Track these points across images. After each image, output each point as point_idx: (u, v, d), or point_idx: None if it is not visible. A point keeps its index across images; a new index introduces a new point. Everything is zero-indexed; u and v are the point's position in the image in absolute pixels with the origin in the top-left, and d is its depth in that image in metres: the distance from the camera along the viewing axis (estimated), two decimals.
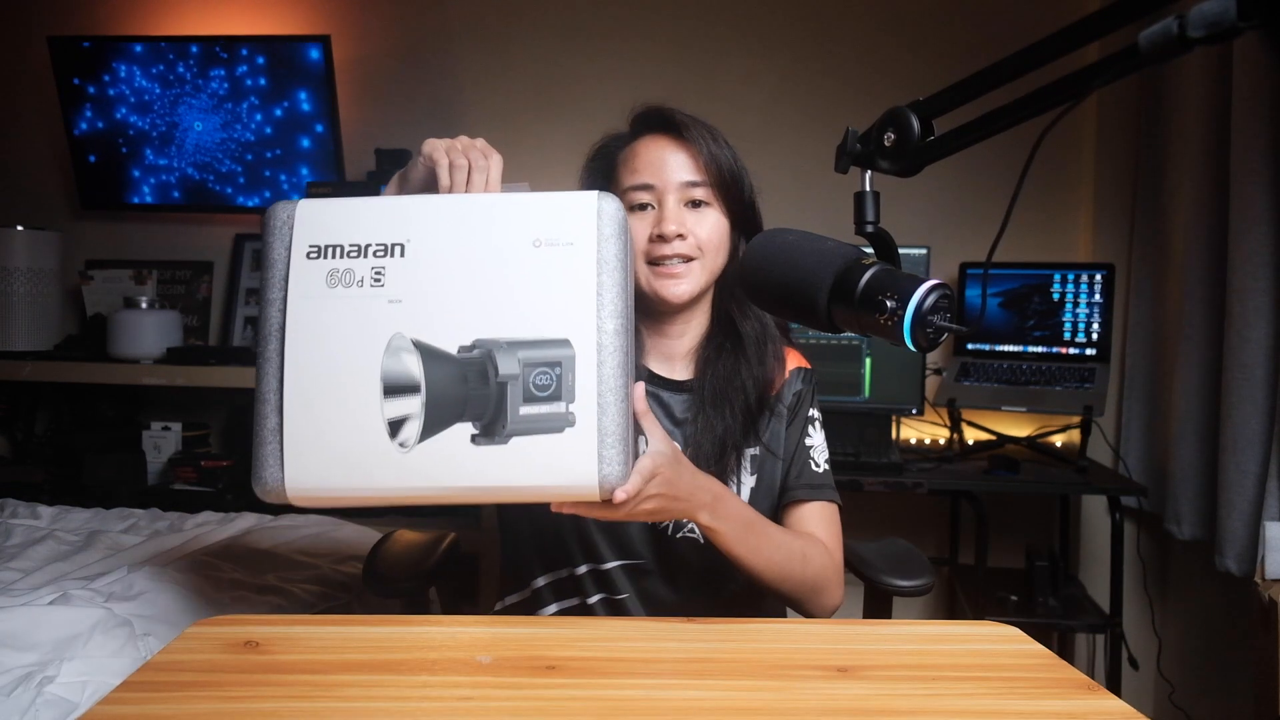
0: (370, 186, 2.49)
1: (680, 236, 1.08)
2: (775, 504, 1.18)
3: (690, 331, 1.17)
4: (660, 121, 1.12)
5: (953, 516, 2.61)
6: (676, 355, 1.18)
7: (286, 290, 0.81)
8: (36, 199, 2.97)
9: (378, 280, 0.81)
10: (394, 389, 0.79)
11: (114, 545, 1.63)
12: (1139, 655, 2.31)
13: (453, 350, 0.80)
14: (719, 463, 1.11)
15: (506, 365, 0.79)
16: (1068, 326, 2.44)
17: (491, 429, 0.79)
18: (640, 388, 0.87)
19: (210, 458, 2.71)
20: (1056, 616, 2.17)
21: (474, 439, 0.79)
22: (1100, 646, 2.45)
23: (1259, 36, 0.48)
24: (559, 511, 0.87)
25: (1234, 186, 1.90)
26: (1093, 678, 0.80)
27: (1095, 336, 2.41)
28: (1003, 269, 2.49)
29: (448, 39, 2.82)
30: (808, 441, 1.20)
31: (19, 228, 2.68)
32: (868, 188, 0.72)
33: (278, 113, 2.74)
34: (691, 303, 1.13)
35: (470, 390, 0.79)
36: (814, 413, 1.23)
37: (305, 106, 2.72)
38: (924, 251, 2.35)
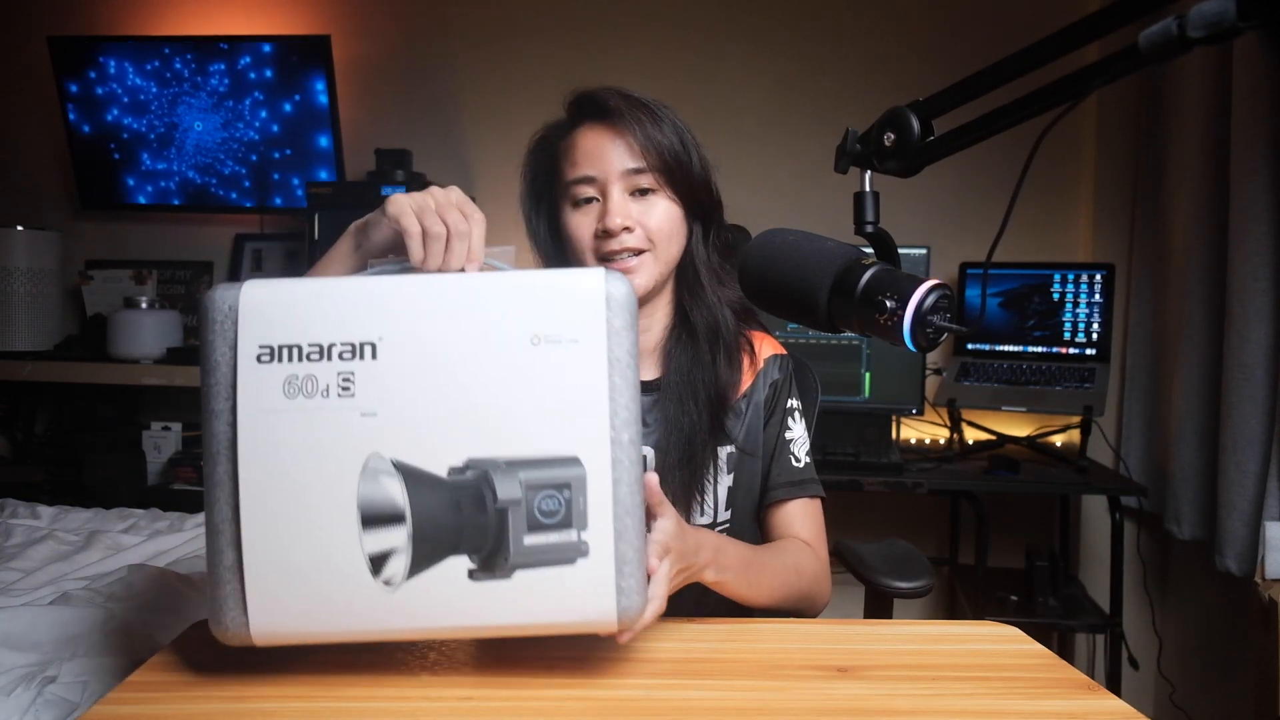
0: (370, 187, 2.49)
1: (627, 230, 1.02)
2: (756, 503, 1.15)
3: (655, 326, 1.12)
4: (594, 108, 1.05)
5: (953, 516, 2.61)
6: (645, 352, 1.11)
7: (235, 400, 0.68)
8: (36, 199, 2.97)
9: (346, 388, 0.68)
10: (374, 519, 0.68)
11: (114, 545, 1.63)
12: (1139, 655, 2.31)
13: (442, 472, 0.68)
14: (689, 463, 1.06)
15: (506, 489, 0.68)
16: (1068, 326, 2.44)
17: (492, 562, 0.69)
18: (653, 480, 0.78)
19: None
20: (1056, 616, 2.17)
21: (472, 574, 0.69)
22: (1100, 646, 2.45)
23: (1259, 36, 0.48)
24: None
25: (1234, 186, 1.90)
26: (1093, 678, 0.80)
27: (1095, 336, 2.41)
28: (1003, 269, 2.49)
29: (448, 39, 2.83)
30: (788, 435, 1.15)
31: (19, 228, 2.68)
32: (867, 188, 0.72)
33: (287, 109, 2.74)
34: (650, 295, 1.08)
35: (465, 519, 0.69)
36: (794, 402, 1.17)
37: (302, 108, 2.72)
38: (924, 251, 2.35)
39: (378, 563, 0.68)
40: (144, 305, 2.66)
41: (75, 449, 2.67)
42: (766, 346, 1.18)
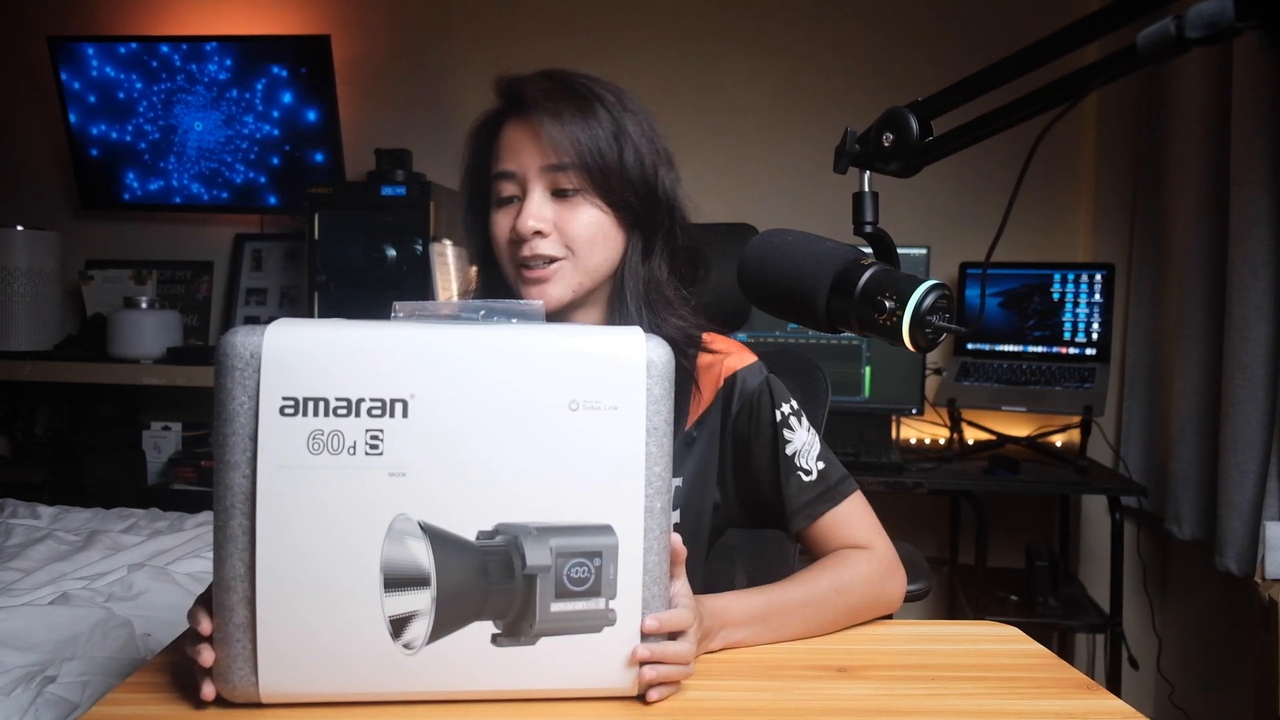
0: (370, 187, 2.49)
1: (539, 234, 0.92)
2: (707, 537, 1.03)
3: None
4: (514, 99, 0.95)
5: (953, 516, 2.61)
6: None
7: (255, 453, 0.65)
8: (36, 199, 2.97)
9: (375, 447, 0.66)
10: (398, 581, 0.66)
11: (114, 545, 1.63)
12: (1139, 655, 2.31)
13: (470, 536, 0.67)
14: None
15: (536, 555, 0.67)
16: (1068, 326, 2.44)
17: (517, 628, 0.68)
18: (678, 542, 0.75)
19: (210, 458, 2.71)
20: (1056, 616, 2.17)
21: (495, 639, 0.68)
22: (1100, 646, 2.45)
23: (1258, 36, 0.48)
24: None
25: (1234, 186, 1.90)
26: (1093, 678, 0.80)
27: (1095, 336, 2.41)
28: (1003, 269, 2.49)
29: (448, 39, 2.83)
30: (789, 450, 0.99)
31: (19, 228, 2.68)
32: (866, 188, 0.72)
33: (287, 109, 2.74)
34: (570, 308, 0.96)
35: (492, 584, 0.67)
36: (785, 408, 1.00)
37: (302, 108, 2.72)
38: (924, 251, 2.35)
39: (399, 626, 0.67)
40: (144, 305, 2.66)
41: (75, 449, 2.68)
42: (732, 361, 1.02)
